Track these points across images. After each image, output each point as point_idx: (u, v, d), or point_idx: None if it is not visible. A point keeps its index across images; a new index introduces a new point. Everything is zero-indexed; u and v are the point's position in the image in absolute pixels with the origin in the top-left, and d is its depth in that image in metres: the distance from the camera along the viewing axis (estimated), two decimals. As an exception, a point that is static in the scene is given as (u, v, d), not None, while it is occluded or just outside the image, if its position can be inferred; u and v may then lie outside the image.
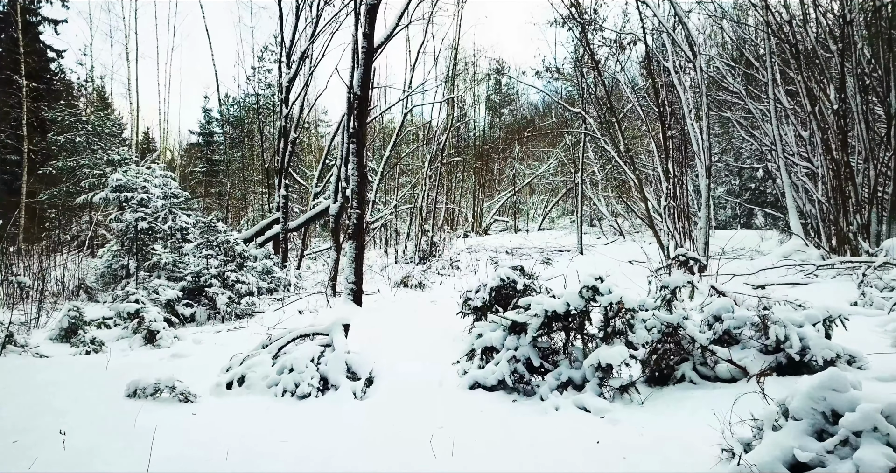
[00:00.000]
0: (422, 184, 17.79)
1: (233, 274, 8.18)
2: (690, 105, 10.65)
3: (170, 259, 9.29)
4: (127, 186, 11.68)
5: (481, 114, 30.71)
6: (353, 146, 7.68)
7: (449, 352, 4.81)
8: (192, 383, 3.94)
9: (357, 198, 7.61)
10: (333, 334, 4.26)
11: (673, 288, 3.60)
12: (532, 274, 5.81)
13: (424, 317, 7.05)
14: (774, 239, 14.13)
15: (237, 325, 7.00)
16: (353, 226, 7.53)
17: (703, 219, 9.93)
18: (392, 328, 6.15)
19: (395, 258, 16.86)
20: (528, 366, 3.63)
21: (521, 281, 5.65)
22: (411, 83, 14.61)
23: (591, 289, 3.48)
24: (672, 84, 11.54)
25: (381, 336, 5.58)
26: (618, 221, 21.60)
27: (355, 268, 7.47)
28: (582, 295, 3.49)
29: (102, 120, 25.37)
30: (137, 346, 5.79)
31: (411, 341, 5.47)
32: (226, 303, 7.65)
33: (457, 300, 6.83)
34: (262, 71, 25.85)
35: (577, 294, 3.52)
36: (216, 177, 31.95)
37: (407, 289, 9.78)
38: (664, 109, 9.72)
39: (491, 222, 28.39)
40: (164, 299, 7.56)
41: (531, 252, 17.65)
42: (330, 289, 8.82)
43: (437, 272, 12.78)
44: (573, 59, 15.90)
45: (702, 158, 10.20)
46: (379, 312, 7.18)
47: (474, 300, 5.74)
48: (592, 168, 21.53)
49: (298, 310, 7.55)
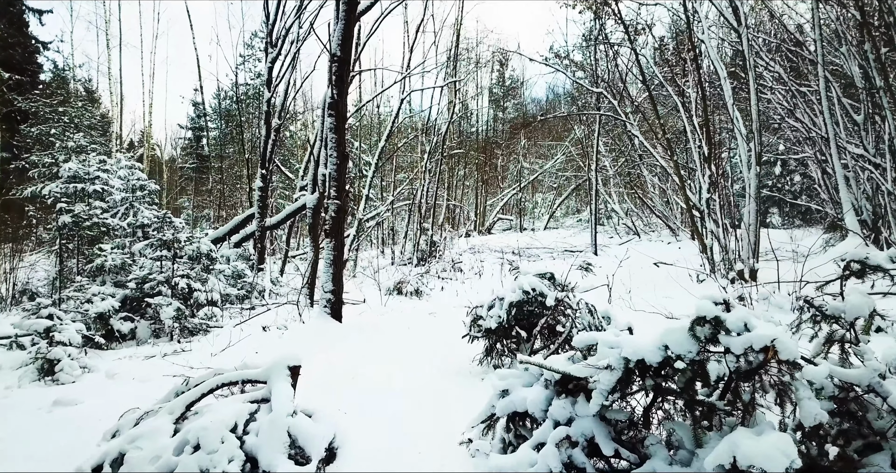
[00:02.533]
0: (420, 179, 16.26)
1: (183, 279, 6.62)
2: (727, 82, 9.11)
3: (117, 260, 7.75)
4: (81, 177, 10.16)
5: (484, 102, 29.13)
6: (331, 120, 6.15)
7: (453, 403, 3.28)
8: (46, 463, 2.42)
9: (336, 186, 6.06)
10: (273, 383, 2.72)
11: (853, 319, 2.08)
12: (566, 285, 4.27)
13: (420, 337, 5.51)
14: (807, 237, 12.57)
15: (182, 347, 5.46)
16: (330, 221, 5.99)
17: (750, 214, 8.38)
18: (374, 356, 4.61)
19: (392, 259, 15.34)
20: (592, 452, 2.11)
21: (552, 293, 4.11)
22: (409, 64, 13.08)
23: (713, 324, 1.94)
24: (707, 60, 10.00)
25: (356, 370, 4.04)
26: (632, 219, 20.05)
27: (333, 274, 5.92)
28: (696, 333, 1.96)
29: (80, 111, 23.81)
30: (28, 382, 4.26)
31: (398, 380, 3.93)
32: (172, 317, 6.11)
33: (462, 316, 5.32)
34: (251, 59, 24.32)
35: (685, 331, 1.98)
36: (207, 173, 30.43)
37: (401, 297, 8.24)
38: (703, 86, 8.15)
39: (494, 221, 26.85)
40: (95, 312, 6.02)
41: (540, 252, 16.14)
42: (306, 298, 7.28)
43: (437, 275, 11.24)
44: (591, 37, 14.35)
45: (744, 142, 8.65)
46: (361, 331, 5.63)
47: (486, 319, 4.20)
48: (604, 163, 20.01)
49: (263, 326, 6.01)
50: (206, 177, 29.66)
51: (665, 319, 5.75)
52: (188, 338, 6.23)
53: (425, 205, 16.01)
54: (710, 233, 8.10)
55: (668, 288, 7.94)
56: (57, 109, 22.86)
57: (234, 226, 10.52)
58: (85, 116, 24.22)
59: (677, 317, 5.76)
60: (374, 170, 13.53)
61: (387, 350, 4.87)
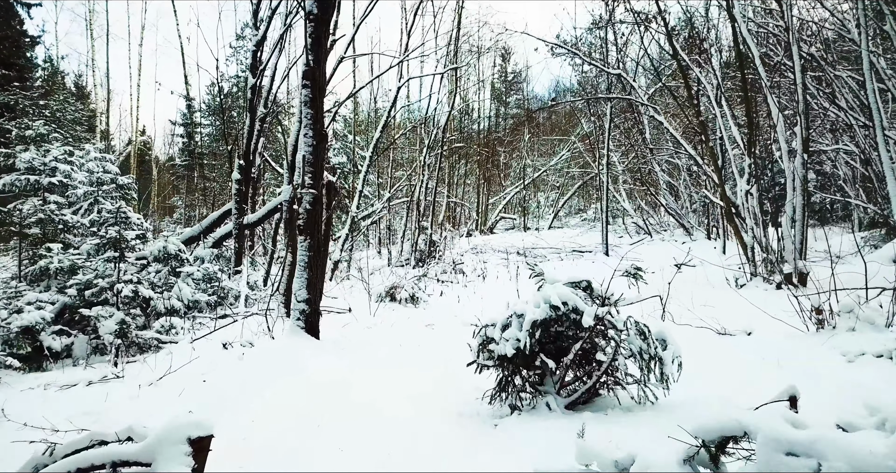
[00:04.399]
0: (419, 174, 15.18)
1: (129, 285, 5.52)
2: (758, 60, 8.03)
3: (65, 263, 6.66)
4: (36, 168, 9.10)
5: (486, 95, 28.07)
6: (307, 91, 5.08)
7: (456, 464, 2.21)
8: None
9: (312, 172, 5.00)
10: (159, 465, 1.66)
11: None
12: (606, 297, 3.19)
13: (413, 359, 4.42)
14: (832, 237, 11.47)
15: (117, 372, 4.39)
16: (304, 215, 4.93)
17: (796, 208, 7.29)
18: (352, 389, 3.53)
19: (389, 259, 14.28)
20: None
21: (590, 309, 3.03)
22: (408, 47, 11.99)
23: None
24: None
25: (323, 415, 2.96)
26: (643, 218, 18.98)
27: (308, 279, 4.85)
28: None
29: (63, 104, 22.75)
30: None
31: (380, 429, 2.85)
32: (114, 331, 5.03)
33: (465, 330, 4.29)
34: (242, 50, 23.19)
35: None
36: (200, 171, 29.39)
37: (394, 304, 7.16)
38: (742, 57, 7.04)
39: (497, 220, 25.77)
40: (19, 326, 4.94)
41: (546, 252, 15.08)
42: (282, 306, 6.20)
43: (436, 278, 10.16)
44: (601, 21, 13.27)
45: (783, 128, 7.57)
46: (340, 351, 4.54)
47: (500, 343, 3.12)
48: (612, 158, 18.92)
49: (224, 343, 4.93)
50: (198, 174, 28.60)
51: (717, 335, 4.68)
52: (134, 357, 5.15)
53: (424, 202, 14.94)
54: (750, 230, 7.01)
55: (704, 295, 6.85)
56: (38, 103, 21.79)
57: (211, 224, 9.44)
58: (69, 110, 23.15)
59: (731, 333, 4.69)
60: (369, 162, 12.46)
61: (370, 378, 3.78)
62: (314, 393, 3.37)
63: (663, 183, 18.15)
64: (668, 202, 17.89)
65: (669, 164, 18.84)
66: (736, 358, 3.90)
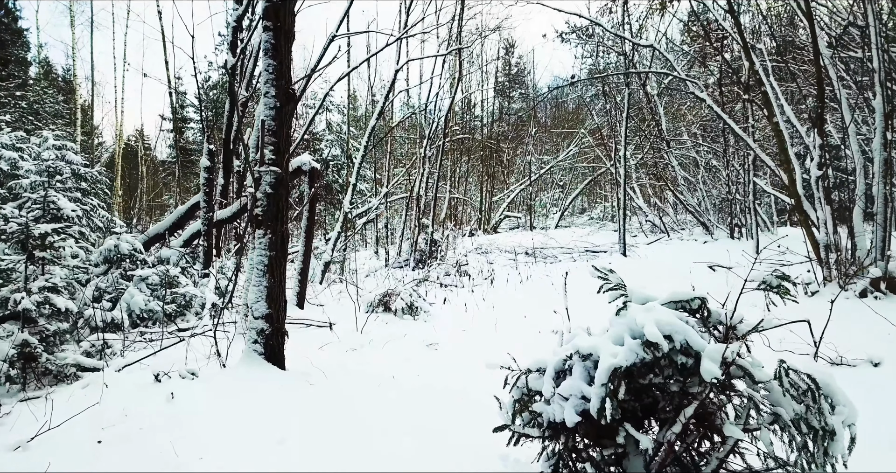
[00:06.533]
0: (419, 168, 13.91)
1: (31, 297, 4.22)
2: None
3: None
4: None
5: (490, 84, 26.81)
6: (269, 35, 3.80)
7: None
8: None
9: (273, 144, 3.73)
10: None
11: None
12: (732, 326, 1.92)
13: (410, 403, 3.13)
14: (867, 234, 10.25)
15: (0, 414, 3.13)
16: (263, 201, 3.63)
17: (877, 198, 6.01)
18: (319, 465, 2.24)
19: (386, 260, 13.03)
20: None
21: (712, 348, 1.76)
22: (406, 24, 10.73)
23: None
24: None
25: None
26: (659, 216, 17.73)
27: (269, 288, 3.59)
28: None
29: (39, 95, 21.48)
30: None
31: None
32: (6, 357, 3.76)
33: (481, 353, 3.01)
34: (232, 40, 21.87)
35: None
36: (192, 168, 28.12)
37: (389, 315, 5.86)
38: (812, 20, 5.76)
39: (501, 218, 24.49)
40: None
41: (557, 253, 13.79)
42: (244, 320, 4.91)
43: (438, 281, 8.88)
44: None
45: (845, 106, 6.28)
46: (309, 391, 3.24)
47: (555, 402, 1.84)
48: (620, 153, 17.64)
49: (156, 374, 3.64)
50: (190, 171, 27.34)
51: (831, 366, 3.42)
52: (43, 388, 3.87)
53: (424, 198, 13.66)
54: (823, 226, 5.73)
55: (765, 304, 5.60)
56: (14, 94, 20.47)
57: (178, 219, 8.16)
58: (46, 100, 21.81)
59: (850, 363, 3.41)
60: (364, 153, 11.17)
61: (346, 442, 2.50)
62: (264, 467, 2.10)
63: (681, 178, 16.88)
64: (685, 198, 16.63)
65: (686, 158, 17.62)
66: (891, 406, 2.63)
